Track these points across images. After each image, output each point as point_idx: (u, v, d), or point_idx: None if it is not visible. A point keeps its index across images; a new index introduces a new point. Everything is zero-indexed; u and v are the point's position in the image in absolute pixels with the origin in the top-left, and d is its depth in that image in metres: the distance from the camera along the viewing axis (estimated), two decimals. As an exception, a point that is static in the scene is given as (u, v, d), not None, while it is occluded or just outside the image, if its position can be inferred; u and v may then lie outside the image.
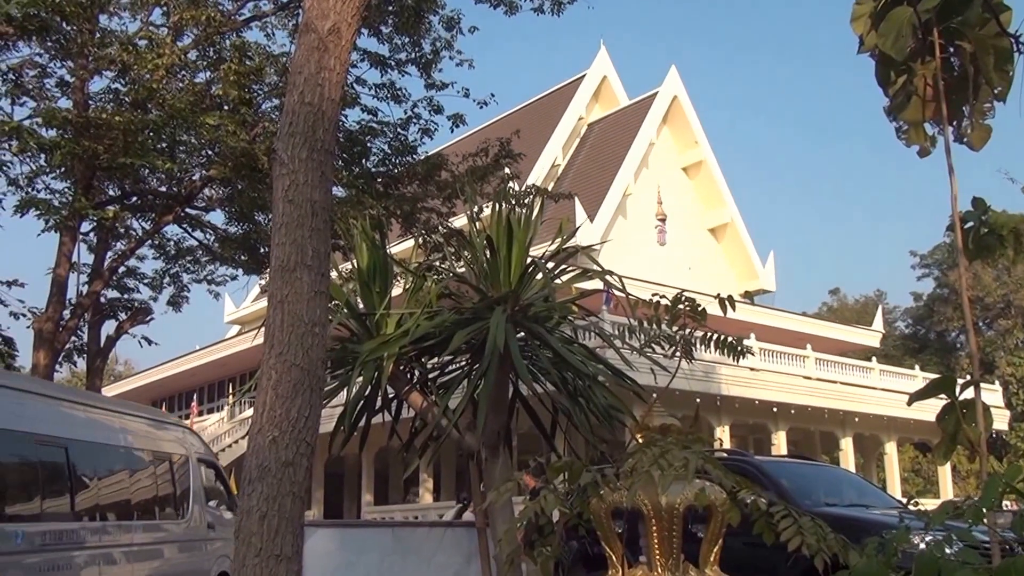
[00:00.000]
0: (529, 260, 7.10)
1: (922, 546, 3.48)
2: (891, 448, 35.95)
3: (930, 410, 4.25)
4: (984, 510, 2.96)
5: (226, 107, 16.26)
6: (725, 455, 12.57)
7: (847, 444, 34.36)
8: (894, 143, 4.83)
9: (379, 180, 18.16)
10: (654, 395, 5.54)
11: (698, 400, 25.89)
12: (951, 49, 4.45)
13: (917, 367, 40.12)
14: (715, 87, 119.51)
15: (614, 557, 5.28)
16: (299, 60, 5.48)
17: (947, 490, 36.97)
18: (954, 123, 4.57)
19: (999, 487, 2.83)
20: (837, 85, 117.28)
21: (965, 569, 2.80)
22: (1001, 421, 38.04)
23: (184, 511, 12.37)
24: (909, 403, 4.65)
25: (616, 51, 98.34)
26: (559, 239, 7.50)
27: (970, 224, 4.41)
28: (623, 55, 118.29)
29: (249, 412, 32.39)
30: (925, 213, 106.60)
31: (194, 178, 17.94)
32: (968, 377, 4.24)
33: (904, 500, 4.43)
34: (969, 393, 4.29)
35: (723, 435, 29.81)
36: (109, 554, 10.15)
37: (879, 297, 70.70)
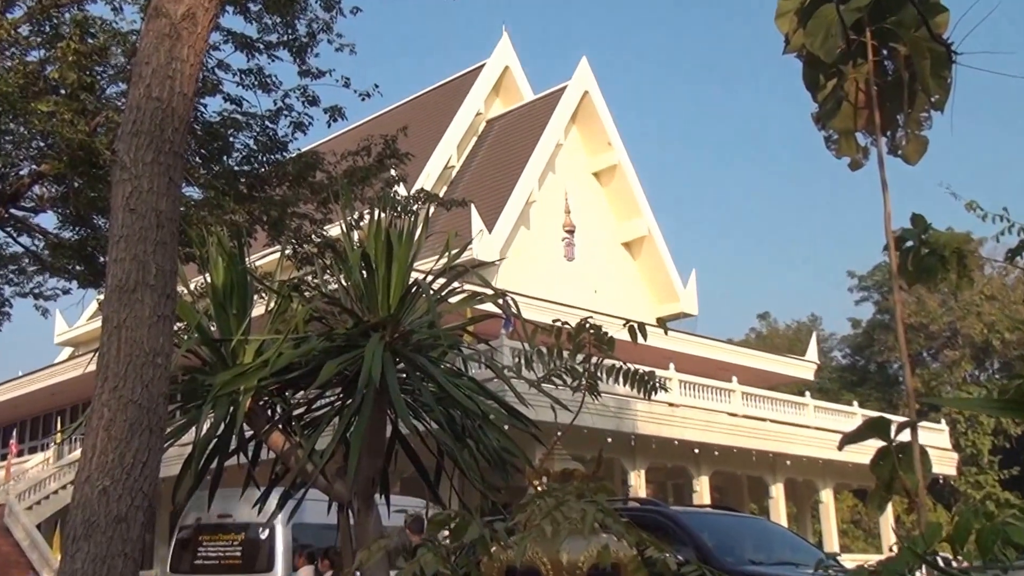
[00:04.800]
0: (412, 279, 7.09)
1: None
2: (827, 496, 36.62)
3: (870, 452, 4.33)
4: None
5: (63, 92, 15.95)
6: (637, 505, 12.70)
7: (778, 491, 34.91)
8: (828, 153, 4.95)
9: (242, 180, 17.99)
10: (558, 433, 5.57)
11: (609, 439, 26.11)
12: (885, 52, 4.56)
13: (855, 403, 41.02)
14: (630, 87, 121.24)
15: (507, 623, 5.27)
16: (147, 49, 5.41)
17: (890, 544, 37.80)
18: (888, 133, 4.69)
19: (917, 549, 2.91)
20: (766, 91, 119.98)
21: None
22: (948, 465, 38.97)
23: None
24: (840, 446, 4.72)
25: (521, 40, 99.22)
26: (447, 255, 7.51)
27: (909, 244, 4.49)
28: (528, 45, 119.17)
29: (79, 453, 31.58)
30: (864, 230, 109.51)
31: (22, 173, 17.53)
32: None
33: (840, 555, 4.45)
34: (907, 435, 4.35)
35: (638, 480, 30.07)
36: None
37: (813, 323, 72.41)
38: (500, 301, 7.13)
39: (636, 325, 6.20)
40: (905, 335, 5.10)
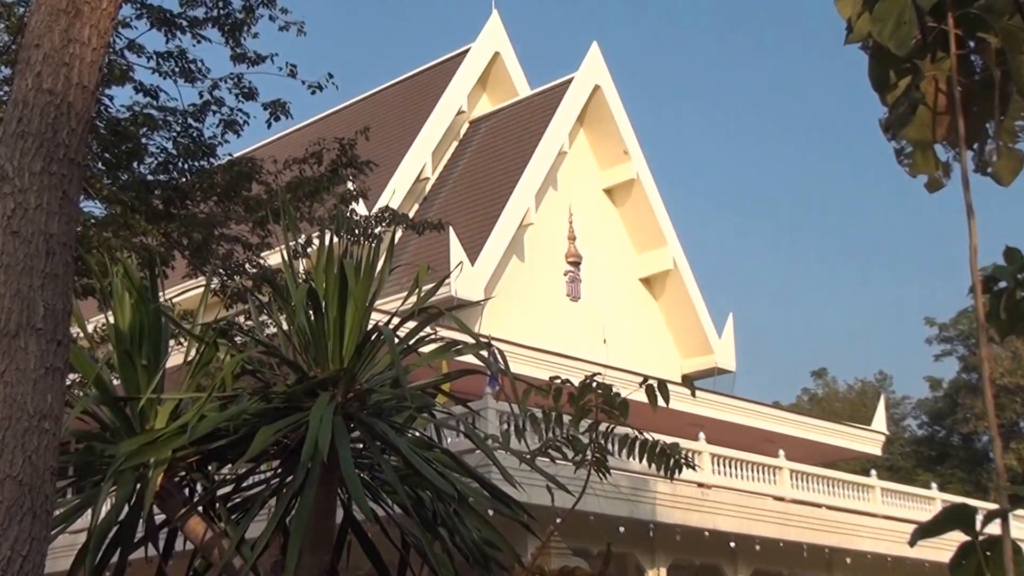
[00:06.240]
0: (372, 324, 7.10)
1: None
2: (897, 603, 36.62)
3: (951, 548, 4.29)
4: None
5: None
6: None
7: (835, 596, 34.88)
8: (901, 170, 4.95)
9: (157, 193, 17.97)
10: (556, 520, 5.58)
11: (621, 529, 26.05)
12: (971, 44, 4.57)
13: (934, 485, 41.00)
14: (653, 82, 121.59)
15: None
16: (38, 28, 5.42)
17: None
18: (975, 146, 4.69)
19: None
20: (821, 90, 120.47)
21: None
22: (1049, 565, 38.90)
23: None
24: (912, 541, 4.69)
25: (515, 21, 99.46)
26: (417, 293, 7.52)
27: (1001, 285, 4.48)
28: (524, 26, 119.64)
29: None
30: (946, 266, 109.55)
31: None
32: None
33: None
34: (996, 527, 4.33)
35: (657, 581, 29.97)
36: None
37: (881, 383, 72.40)
38: (484, 352, 7.14)
39: (656, 384, 6.22)
40: (995, 399, 5.09)
